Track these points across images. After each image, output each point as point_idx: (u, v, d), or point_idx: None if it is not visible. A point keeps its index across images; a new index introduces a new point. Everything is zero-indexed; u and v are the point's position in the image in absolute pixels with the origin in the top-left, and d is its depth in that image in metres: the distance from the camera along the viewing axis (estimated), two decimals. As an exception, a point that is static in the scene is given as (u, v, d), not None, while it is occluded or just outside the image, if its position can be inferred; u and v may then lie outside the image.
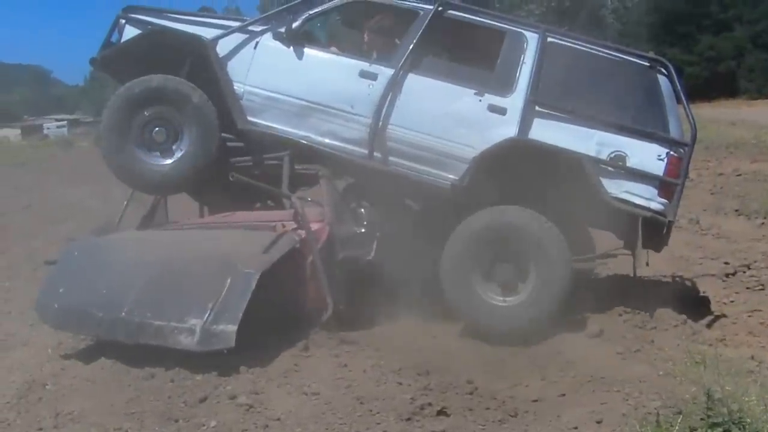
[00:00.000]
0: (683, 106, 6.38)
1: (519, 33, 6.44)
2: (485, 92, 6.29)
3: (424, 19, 6.47)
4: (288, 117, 6.45)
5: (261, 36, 6.60)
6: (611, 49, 6.59)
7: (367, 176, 6.56)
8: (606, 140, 6.17)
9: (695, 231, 10.49)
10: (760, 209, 11.46)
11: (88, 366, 5.34)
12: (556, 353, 5.71)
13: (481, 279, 6.06)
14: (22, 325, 6.58)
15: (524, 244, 5.99)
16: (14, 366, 5.59)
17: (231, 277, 5.27)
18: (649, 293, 7.02)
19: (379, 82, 6.35)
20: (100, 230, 6.69)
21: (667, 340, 5.98)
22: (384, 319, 6.12)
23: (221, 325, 5.08)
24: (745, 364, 5.41)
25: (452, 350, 5.78)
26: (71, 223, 11.95)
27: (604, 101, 6.32)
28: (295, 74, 6.50)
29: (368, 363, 5.20)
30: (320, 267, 5.77)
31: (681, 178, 6.20)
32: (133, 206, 7.05)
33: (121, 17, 6.78)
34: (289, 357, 5.28)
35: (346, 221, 6.34)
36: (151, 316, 5.27)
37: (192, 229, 6.57)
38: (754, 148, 19.11)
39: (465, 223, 6.13)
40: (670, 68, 6.37)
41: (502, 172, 6.13)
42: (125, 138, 6.38)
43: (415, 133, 6.32)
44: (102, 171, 6.70)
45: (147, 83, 6.41)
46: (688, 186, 8.32)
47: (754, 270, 8.40)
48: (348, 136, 6.40)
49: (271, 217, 6.32)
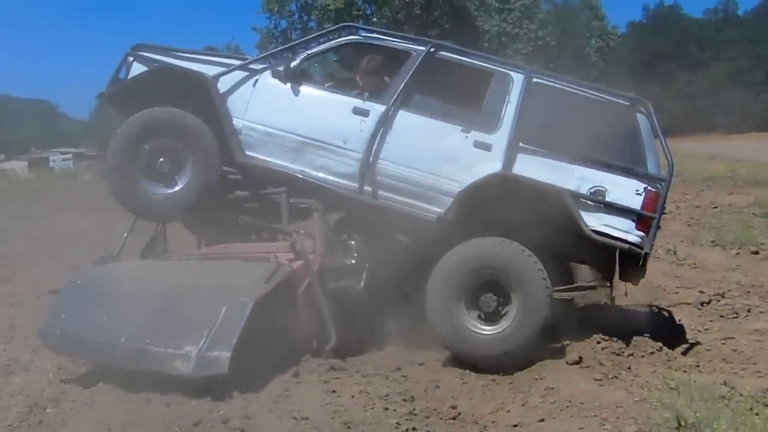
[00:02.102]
0: (661, 143, 6.44)
1: (505, 73, 6.52)
2: (472, 129, 6.36)
3: (416, 60, 6.56)
4: (284, 151, 6.50)
5: (260, 74, 6.67)
6: (593, 89, 6.67)
7: (358, 209, 6.60)
8: (586, 176, 6.22)
9: (672, 261, 10.55)
10: (734, 240, 11.53)
11: (87, 390, 5.36)
12: (537, 379, 5.73)
13: (465, 308, 6.07)
14: (25, 350, 6.56)
15: (506, 275, 6.01)
16: (16, 390, 5.57)
17: (226, 306, 5.30)
18: (627, 321, 7.09)
19: (371, 119, 6.41)
20: (101, 260, 6.71)
21: (644, 367, 6.00)
22: (372, 347, 6.15)
23: (216, 352, 5.10)
24: (718, 389, 5.41)
25: (437, 377, 5.78)
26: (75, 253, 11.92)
27: (586, 138, 6.33)
28: (291, 111, 6.55)
29: (356, 389, 5.22)
30: (322, 298, 5.82)
31: (658, 212, 6.23)
32: (134, 237, 7.08)
33: (129, 55, 6.86)
34: (280, 383, 5.29)
35: (338, 253, 6.38)
36: (149, 342, 5.29)
37: (190, 260, 6.60)
38: (729, 181, 19.30)
39: (450, 254, 6.15)
40: (649, 107, 6.44)
41: (486, 205, 6.18)
42: (131, 166, 6.42)
43: (404, 167, 6.37)
44: (105, 203, 6.73)
45: (153, 115, 6.48)
46: (667, 218, 8.40)
47: (728, 299, 8.46)
48: (340, 171, 6.44)
49: (265, 249, 6.36)
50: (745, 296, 8.55)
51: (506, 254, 6.07)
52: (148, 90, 6.62)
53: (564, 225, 6.12)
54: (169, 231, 7.09)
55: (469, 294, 6.09)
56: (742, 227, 12.56)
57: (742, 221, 13.27)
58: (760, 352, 6.67)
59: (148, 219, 6.88)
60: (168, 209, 6.57)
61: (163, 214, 6.66)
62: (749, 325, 7.58)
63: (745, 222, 13.19)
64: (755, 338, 7.09)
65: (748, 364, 6.38)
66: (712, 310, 8.12)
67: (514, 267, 6.00)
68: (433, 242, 6.35)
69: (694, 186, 18.31)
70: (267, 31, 46.21)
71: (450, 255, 6.16)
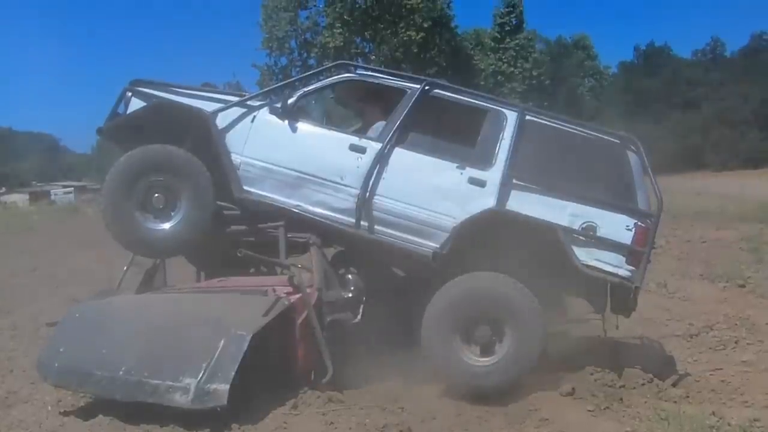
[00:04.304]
0: (650, 180, 6.48)
1: (499, 111, 6.57)
2: (466, 166, 6.39)
3: (411, 97, 6.61)
4: (281, 187, 6.51)
5: (258, 110, 6.67)
6: (585, 127, 6.70)
7: (355, 244, 6.61)
8: (578, 211, 6.25)
9: (663, 294, 10.61)
10: (723, 274, 11.64)
11: (86, 423, 5.33)
12: (531, 410, 5.74)
13: (460, 340, 6.08)
14: (24, 383, 6.55)
15: (500, 308, 6.05)
16: (14, 423, 5.55)
17: (224, 339, 5.30)
18: (619, 353, 7.13)
19: (367, 155, 6.44)
20: (101, 293, 6.71)
21: (635, 398, 6.04)
22: (369, 379, 6.14)
23: (214, 384, 5.09)
24: (707, 420, 5.44)
25: (433, 408, 5.78)
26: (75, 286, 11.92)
27: (577, 175, 6.40)
28: (289, 147, 6.57)
29: (354, 421, 5.22)
30: (319, 331, 5.82)
31: (647, 246, 6.26)
32: (133, 271, 7.09)
33: (127, 90, 6.85)
34: (279, 415, 5.29)
35: (335, 286, 6.39)
36: (147, 375, 5.28)
37: (188, 293, 6.60)
38: (718, 217, 19.44)
39: (445, 288, 6.18)
40: (639, 144, 6.48)
41: (480, 240, 6.22)
42: (126, 203, 6.42)
43: (400, 203, 6.38)
44: (105, 237, 6.74)
45: (147, 152, 6.49)
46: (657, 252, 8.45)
47: (716, 331, 8.52)
48: (337, 206, 6.46)
49: (263, 282, 6.38)
50: (732, 328, 8.58)
51: (500, 287, 6.10)
52: (147, 125, 6.65)
53: (556, 259, 6.16)
54: (168, 264, 7.10)
55: (464, 326, 6.10)
56: (730, 262, 12.69)
57: (730, 256, 13.39)
58: (747, 383, 6.70)
59: (142, 255, 6.87)
60: (163, 245, 6.55)
61: (158, 249, 6.65)
62: (736, 356, 7.62)
63: (732, 257, 13.31)
64: (742, 369, 7.13)
65: (735, 395, 6.41)
66: (701, 342, 8.17)
67: (508, 300, 6.04)
68: (428, 276, 6.37)
69: (683, 221, 18.43)
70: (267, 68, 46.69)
71: (445, 288, 6.18)
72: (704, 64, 79.11)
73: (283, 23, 46.24)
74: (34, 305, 10.53)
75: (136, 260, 7.04)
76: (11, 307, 10.53)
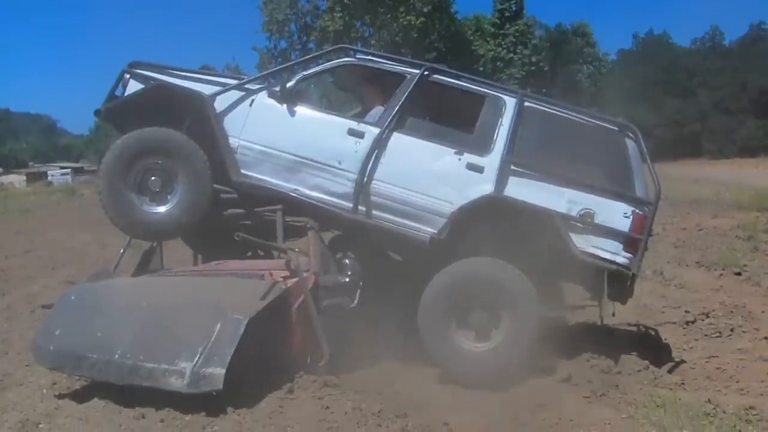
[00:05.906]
0: (648, 168, 6.46)
1: (498, 97, 6.55)
2: (464, 151, 6.35)
3: (410, 82, 6.57)
4: (279, 171, 6.48)
5: (257, 94, 6.63)
6: (583, 114, 6.69)
7: (352, 228, 6.59)
8: (576, 198, 6.23)
9: (659, 281, 10.61)
10: (719, 261, 11.62)
11: (81, 406, 5.29)
12: (527, 396, 5.73)
13: (456, 326, 6.09)
14: (19, 365, 6.51)
15: (497, 294, 6.04)
16: (8, 405, 5.51)
17: (221, 323, 5.26)
18: (615, 340, 7.13)
19: (366, 140, 6.40)
20: (96, 276, 6.67)
21: (631, 385, 6.04)
22: (365, 364, 6.12)
23: (210, 368, 5.05)
24: (703, 407, 5.45)
25: (429, 393, 5.78)
26: (70, 268, 11.90)
27: (575, 162, 6.38)
28: (287, 131, 6.53)
29: (350, 405, 5.19)
30: (316, 315, 5.79)
31: (645, 234, 6.25)
32: (130, 253, 7.06)
33: (125, 72, 6.80)
34: (274, 399, 5.26)
35: (332, 271, 6.37)
36: (143, 358, 5.24)
37: (185, 276, 6.57)
38: (715, 204, 19.46)
39: (442, 273, 6.17)
40: (637, 132, 6.47)
41: (478, 226, 6.20)
42: (122, 186, 6.40)
43: (397, 188, 6.36)
44: (102, 218, 6.69)
45: (144, 135, 6.45)
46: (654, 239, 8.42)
47: (712, 318, 8.51)
48: (335, 190, 6.43)
49: (260, 266, 6.34)
50: (728, 316, 8.58)
51: (496, 273, 6.08)
52: (145, 107, 6.60)
53: (554, 246, 6.13)
54: (165, 247, 7.07)
55: (461, 312, 6.10)
56: (726, 249, 12.69)
57: (726, 243, 13.39)
58: (742, 371, 6.71)
59: (139, 237, 6.84)
60: (159, 228, 6.53)
61: (155, 232, 6.62)
62: (732, 344, 7.62)
63: (728, 244, 13.32)
64: (738, 357, 7.13)
65: (731, 382, 6.41)
66: (697, 330, 8.17)
67: (505, 286, 6.02)
68: (425, 261, 6.35)
69: (680, 209, 18.45)
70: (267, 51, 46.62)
71: (442, 274, 6.17)
72: (703, 52, 79.13)
73: (283, 6, 46.17)
74: (30, 287, 10.51)
75: (132, 243, 7.01)
76: (6, 289, 10.50)
